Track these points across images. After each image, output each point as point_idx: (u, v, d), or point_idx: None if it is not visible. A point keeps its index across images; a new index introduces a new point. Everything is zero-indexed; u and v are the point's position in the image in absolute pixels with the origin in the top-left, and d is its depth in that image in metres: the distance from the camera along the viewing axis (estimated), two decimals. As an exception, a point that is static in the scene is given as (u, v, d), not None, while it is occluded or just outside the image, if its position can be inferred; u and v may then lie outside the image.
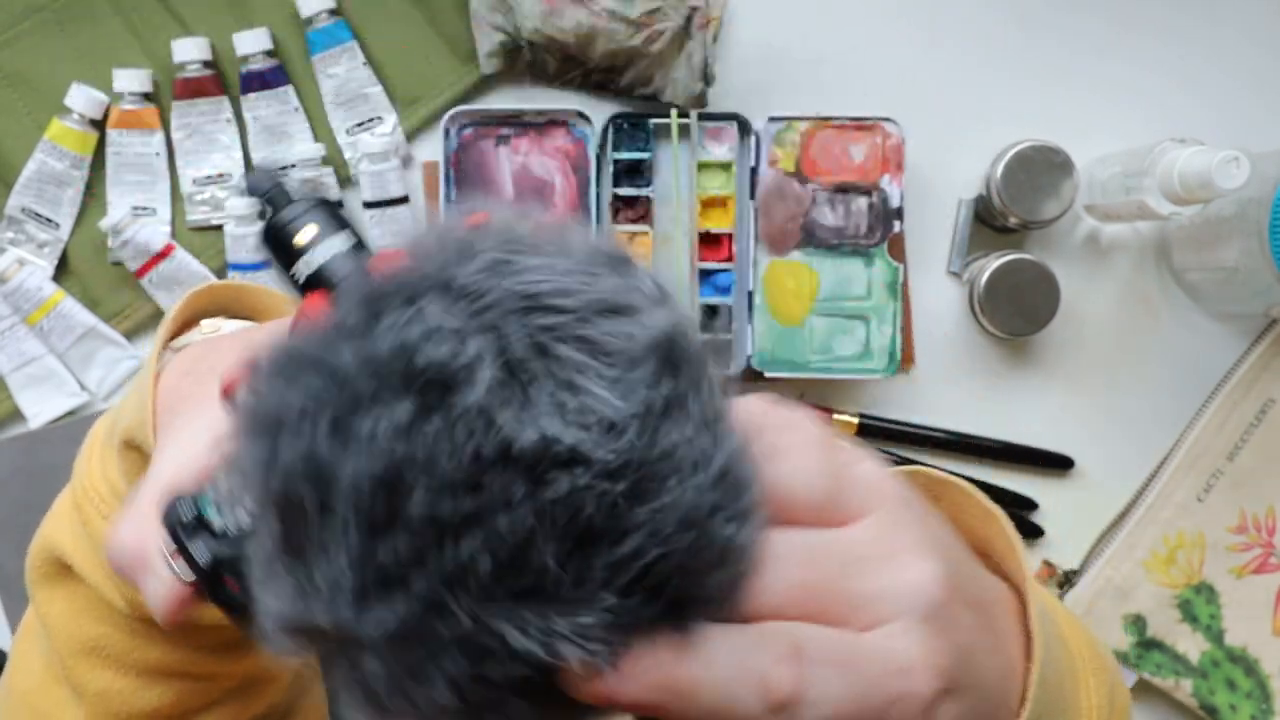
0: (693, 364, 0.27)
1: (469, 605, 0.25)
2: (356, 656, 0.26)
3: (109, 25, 0.75)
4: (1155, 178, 0.68)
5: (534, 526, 0.25)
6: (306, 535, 0.25)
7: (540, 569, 0.25)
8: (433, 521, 0.25)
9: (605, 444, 0.25)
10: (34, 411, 0.74)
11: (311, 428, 0.25)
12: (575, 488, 0.25)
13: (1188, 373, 0.77)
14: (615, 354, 0.26)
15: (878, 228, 0.74)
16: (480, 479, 0.24)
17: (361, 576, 0.25)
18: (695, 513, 0.27)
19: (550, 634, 0.26)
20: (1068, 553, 0.77)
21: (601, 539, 0.26)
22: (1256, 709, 0.75)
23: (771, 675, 0.29)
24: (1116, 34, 0.77)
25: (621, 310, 0.27)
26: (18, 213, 0.74)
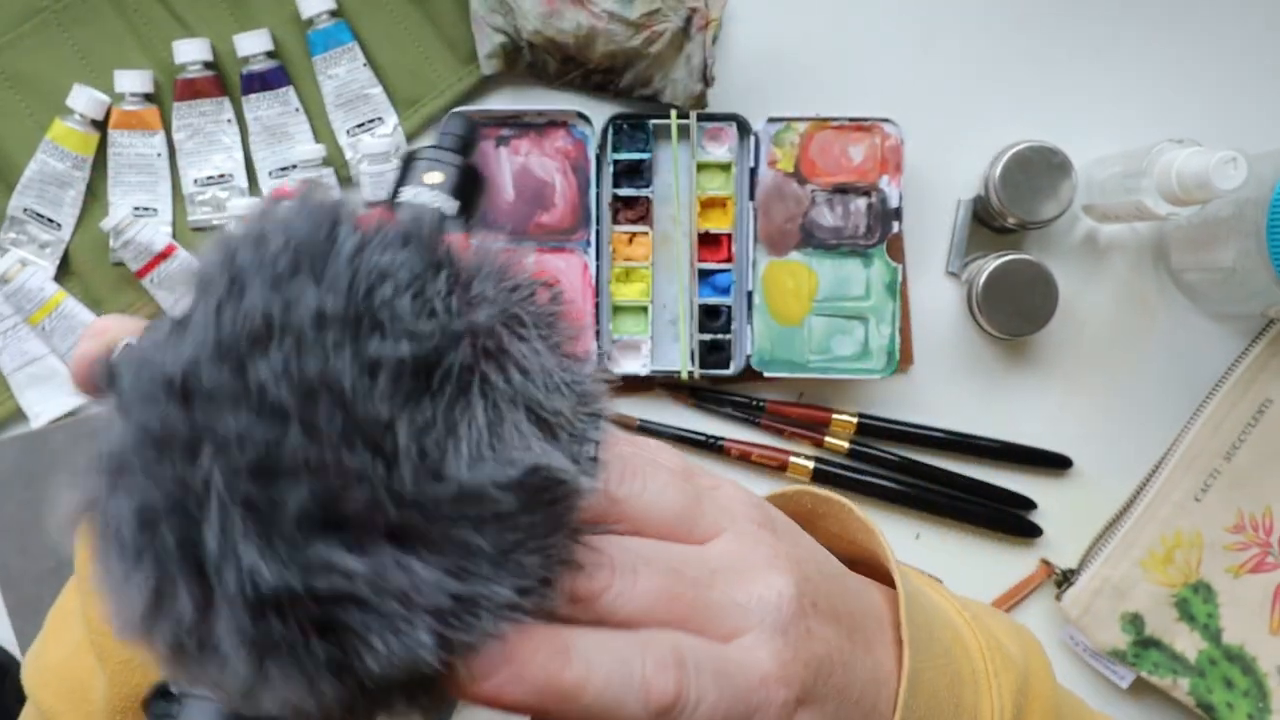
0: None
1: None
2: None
3: (110, 26, 0.75)
4: (1153, 178, 0.68)
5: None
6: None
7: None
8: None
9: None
10: (36, 411, 0.75)
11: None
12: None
13: (1185, 373, 0.77)
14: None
15: (876, 228, 0.75)
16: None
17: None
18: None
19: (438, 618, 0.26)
20: (1066, 552, 0.77)
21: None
22: (1253, 707, 0.75)
23: (654, 681, 0.30)
24: (1114, 35, 0.78)
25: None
26: (20, 213, 0.74)
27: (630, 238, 0.75)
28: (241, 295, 0.25)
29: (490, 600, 0.27)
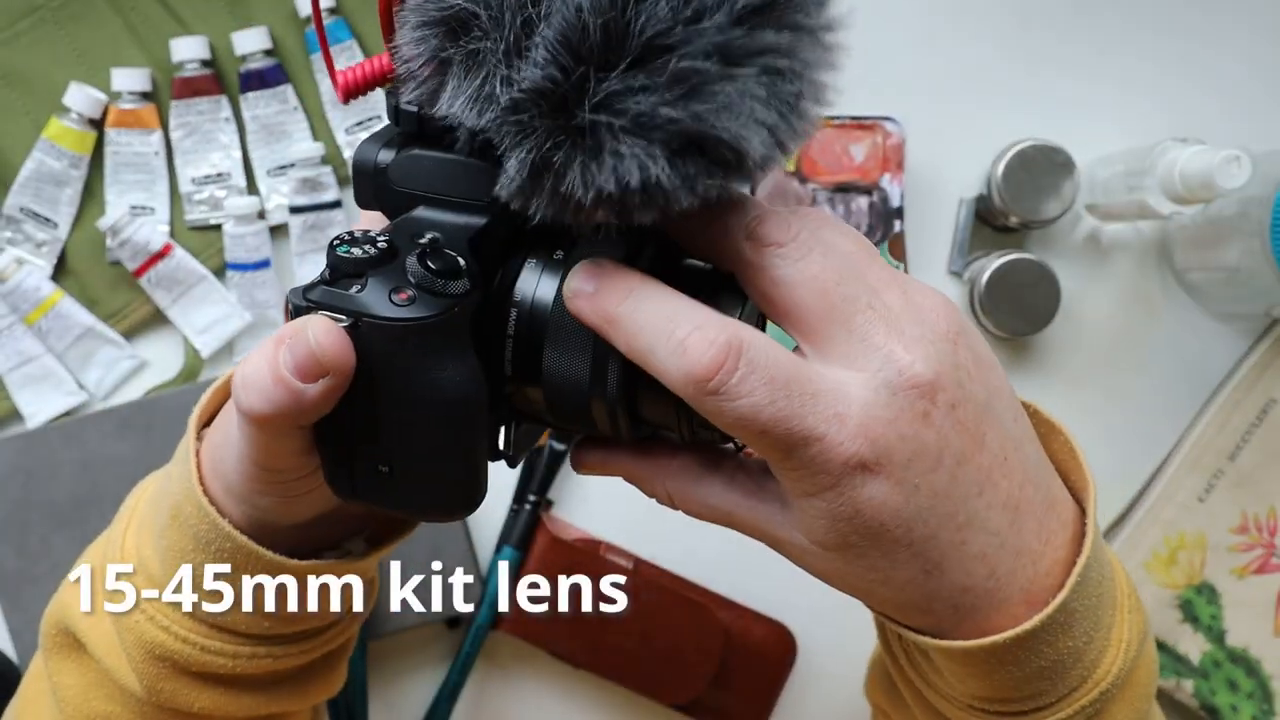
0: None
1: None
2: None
3: (107, 24, 0.74)
4: (1156, 177, 0.68)
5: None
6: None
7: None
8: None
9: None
10: (32, 411, 0.74)
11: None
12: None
13: (1189, 373, 0.77)
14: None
15: (878, 227, 0.74)
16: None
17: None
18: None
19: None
20: (1068, 553, 0.77)
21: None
22: (1258, 710, 0.75)
23: (692, 347, 0.34)
24: (1118, 33, 0.77)
25: None
26: (16, 212, 0.74)
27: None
28: None
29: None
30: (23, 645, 0.71)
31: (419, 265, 0.35)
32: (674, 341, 0.34)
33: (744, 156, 0.32)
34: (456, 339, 0.36)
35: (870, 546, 0.36)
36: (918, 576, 0.37)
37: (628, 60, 0.31)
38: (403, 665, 0.75)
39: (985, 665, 0.39)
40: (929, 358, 0.35)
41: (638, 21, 0.30)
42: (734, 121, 0.31)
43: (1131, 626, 0.41)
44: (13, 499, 0.71)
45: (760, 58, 0.32)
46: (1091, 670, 0.40)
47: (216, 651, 0.44)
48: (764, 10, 0.32)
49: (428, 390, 0.36)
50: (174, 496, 0.44)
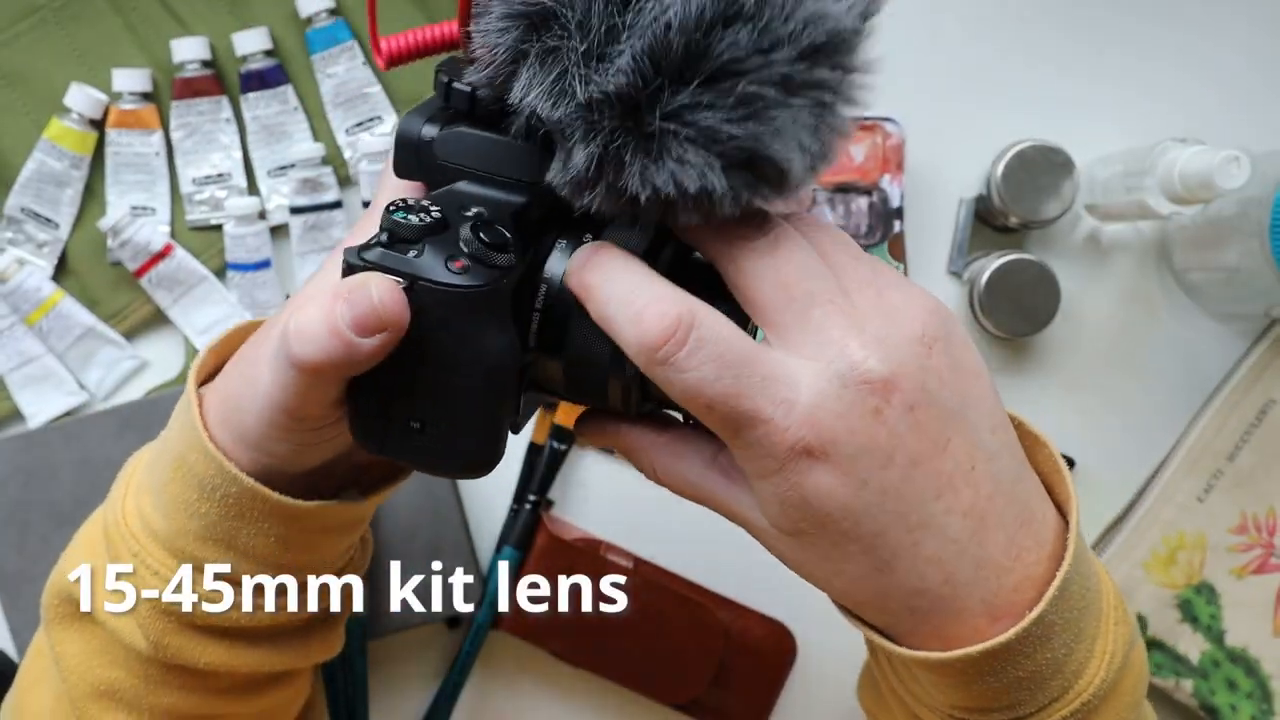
0: None
1: None
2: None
3: (108, 25, 0.75)
4: (1156, 177, 0.68)
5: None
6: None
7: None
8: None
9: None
10: (32, 411, 0.74)
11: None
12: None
13: (1188, 373, 0.77)
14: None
15: (878, 227, 0.74)
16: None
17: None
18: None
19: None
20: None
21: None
22: (1257, 709, 0.75)
23: (648, 318, 0.36)
24: (1117, 33, 0.77)
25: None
26: (17, 213, 0.74)
27: (630, 237, 0.75)
28: None
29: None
30: (23, 645, 0.72)
31: (473, 235, 0.38)
32: (632, 310, 0.37)
33: (787, 176, 0.36)
34: (501, 309, 0.38)
35: (820, 535, 0.38)
36: (869, 572, 0.38)
37: (702, 77, 0.34)
38: (403, 665, 0.75)
39: (960, 677, 0.40)
40: (887, 357, 0.37)
41: (719, 45, 0.34)
42: (784, 145, 0.35)
43: (1117, 638, 0.42)
44: (13, 499, 0.71)
45: (814, 91, 0.36)
46: (1073, 680, 0.40)
47: (220, 602, 0.45)
48: (824, 49, 0.35)
49: (471, 354, 0.38)
50: (176, 449, 0.45)
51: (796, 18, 0.34)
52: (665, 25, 0.33)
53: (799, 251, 0.38)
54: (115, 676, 0.47)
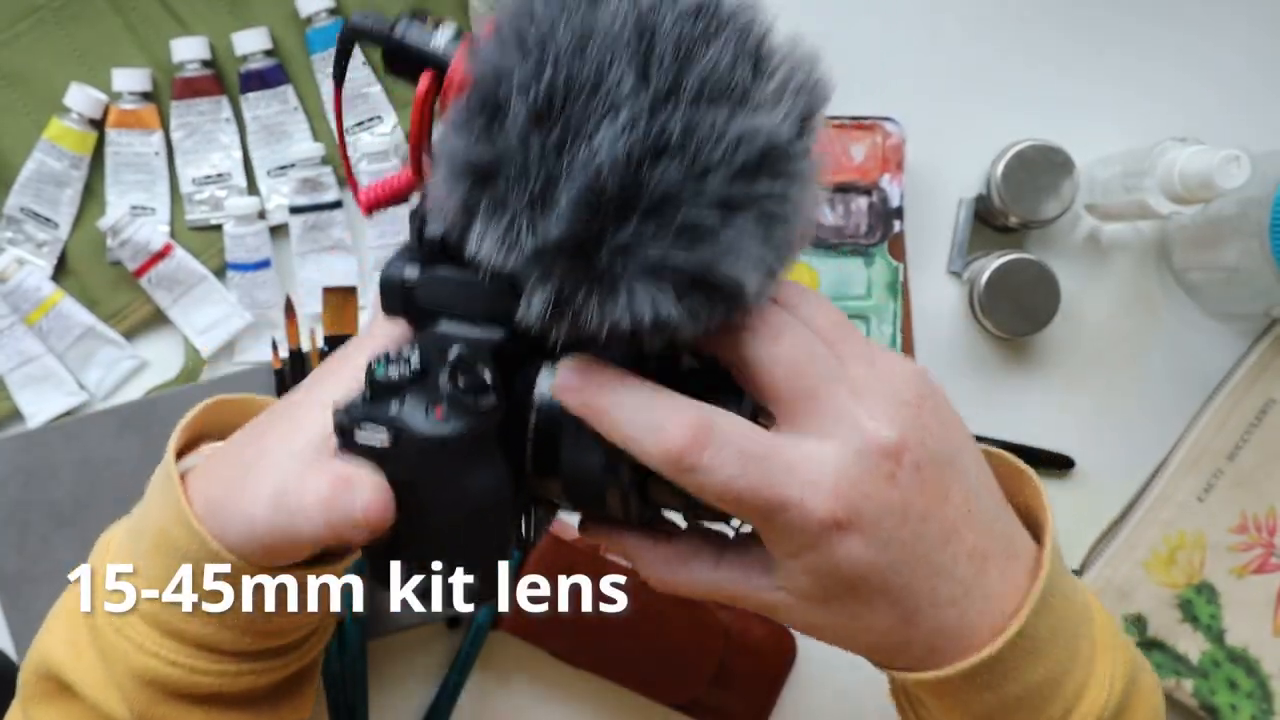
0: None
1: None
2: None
3: (108, 25, 0.75)
4: (1156, 177, 0.68)
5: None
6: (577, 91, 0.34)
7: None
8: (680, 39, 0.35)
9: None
10: (32, 411, 0.74)
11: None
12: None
13: (1188, 372, 0.77)
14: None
15: (878, 227, 0.74)
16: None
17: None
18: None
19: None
20: (1068, 553, 0.77)
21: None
22: (1257, 709, 0.75)
23: (670, 430, 0.38)
24: (1117, 33, 0.77)
25: None
26: (17, 212, 0.74)
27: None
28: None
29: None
30: (23, 645, 0.72)
31: (450, 383, 0.39)
32: (650, 426, 0.38)
33: (742, 291, 0.36)
34: (486, 449, 0.40)
35: (851, 598, 0.40)
36: (897, 624, 0.41)
37: (641, 212, 0.34)
38: (403, 665, 0.75)
39: (962, 693, 0.42)
40: (893, 422, 0.39)
41: (652, 180, 0.34)
42: (734, 263, 0.35)
43: (1116, 663, 0.44)
44: (13, 499, 0.71)
45: (757, 204, 0.36)
46: (1075, 703, 0.42)
47: (204, 671, 0.46)
48: (761, 164, 0.35)
49: (459, 496, 0.41)
50: (156, 524, 0.46)
51: (728, 138, 0.35)
52: (596, 170, 0.34)
53: (800, 336, 0.40)
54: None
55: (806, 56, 0.38)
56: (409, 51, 0.41)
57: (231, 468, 0.46)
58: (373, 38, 0.42)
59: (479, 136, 0.35)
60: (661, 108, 0.34)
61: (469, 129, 0.36)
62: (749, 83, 0.36)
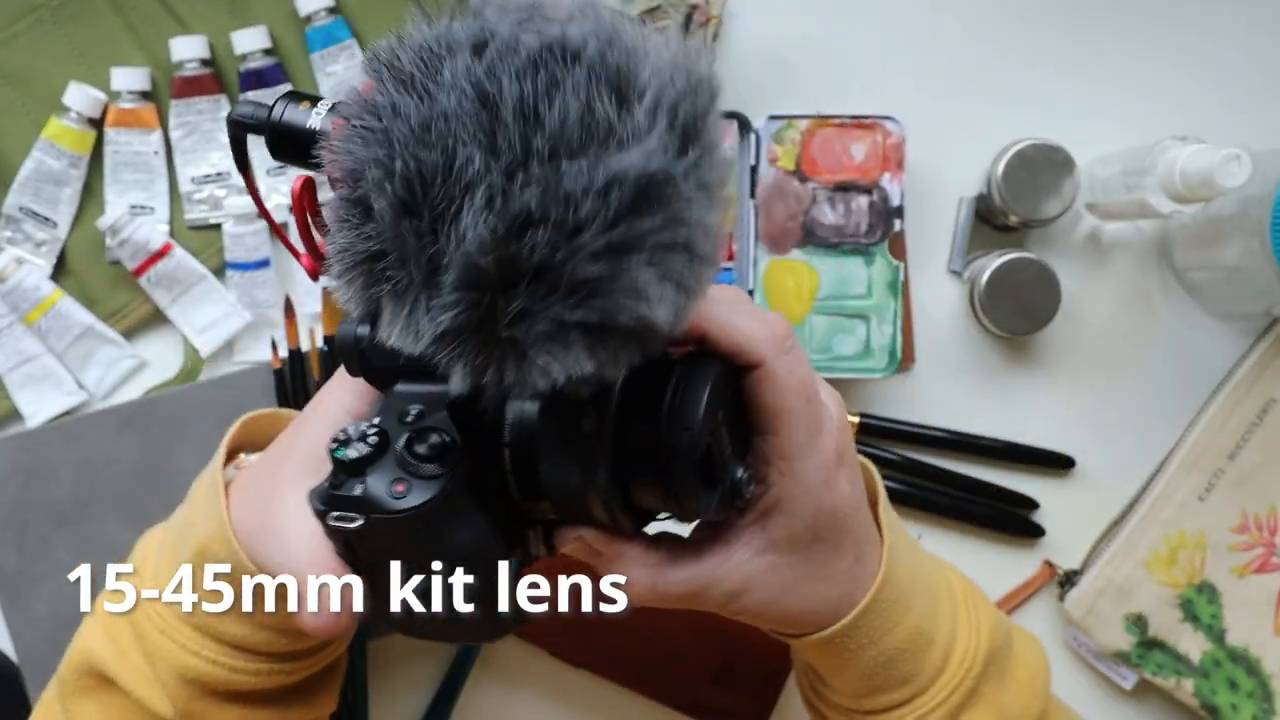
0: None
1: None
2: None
3: (107, 24, 0.74)
4: (1156, 176, 0.68)
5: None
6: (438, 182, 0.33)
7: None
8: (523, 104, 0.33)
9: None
10: (31, 410, 0.74)
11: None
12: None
13: (1189, 372, 0.77)
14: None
15: (878, 226, 0.74)
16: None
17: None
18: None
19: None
20: (1069, 552, 0.77)
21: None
22: (1258, 709, 0.74)
23: (771, 320, 0.44)
24: (1117, 32, 0.77)
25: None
26: (16, 211, 0.74)
27: (630, 236, 0.75)
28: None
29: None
30: (23, 644, 0.71)
31: (408, 455, 0.41)
32: (758, 317, 0.44)
33: (652, 327, 0.35)
34: (458, 506, 0.41)
35: (830, 537, 0.46)
36: (851, 565, 0.47)
37: (525, 282, 0.33)
38: (403, 665, 0.75)
39: (852, 645, 0.48)
40: (843, 414, 0.48)
41: (524, 252, 0.33)
42: (635, 305, 0.34)
43: (980, 616, 0.51)
44: (12, 498, 0.71)
45: (643, 241, 0.34)
46: (949, 651, 0.49)
47: (241, 670, 0.49)
48: (637, 202, 0.33)
49: (444, 556, 0.42)
50: (200, 537, 0.48)
51: (595, 188, 0.33)
52: (465, 255, 0.33)
53: (804, 356, 0.46)
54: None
55: (679, 60, 0.35)
56: (289, 133, 0.41)
57: (257, 495, 0.49)
58: (253, 128, 0.42)
59: (358, 231, 0.35)
60: (515, 178, 0.33)
61: (348, 224, 0.35)
62: (613, 117, 0.33)
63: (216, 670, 0.49)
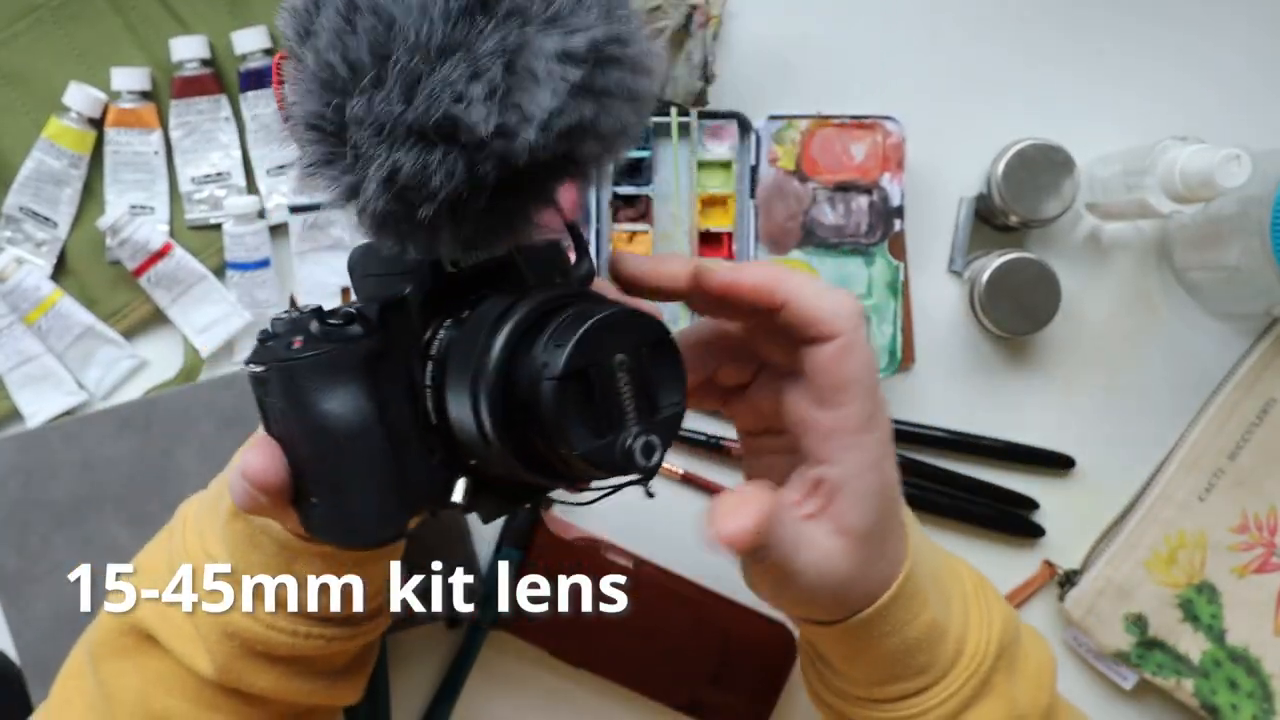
0: None
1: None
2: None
3: (107, 24, 0.74)
4: (1156, 176, 0.68)
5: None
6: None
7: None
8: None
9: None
10: (31, 410, 0.74)
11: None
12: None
13: (1189, 372, 0.77)
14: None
15: (878, 226, 0.74)
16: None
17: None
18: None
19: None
20: (1069, 552, 0.77)
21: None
22: (1258, 709, 0.75)
23: (852, 299, 0.45)
24: (1117, 32, 0.77)
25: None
26: (16, 211, 0.74)
27: (630, 236, 0.75)
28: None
29: None
30: (23, 644, 0.71)
31: (314, 319, 0.43)
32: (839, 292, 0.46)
33: (471, 129, 0.37)
34: (342, 376, 0.42)
35: (891, 515, 0.47)
36: (899, 544, 0.48)
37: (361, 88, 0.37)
38: (403, 665, 0.75)
39: (875, 633, 0.48)
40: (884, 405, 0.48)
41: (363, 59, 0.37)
42: (448, 104, 0.37)
43: (991, 610, 0.51)
44: (13, 498, 0.71)
45: (471, 46, 0.37)
46: (962, 645, 0.49)
47: (280, 629, 0.50)
48: (469, 10, 0.37)
49: (319, 422, 0.42)
50: (228, 504, 0.50)
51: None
52: (326, 63, 0.38)
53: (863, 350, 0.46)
54: (169, 704, 0.51)
55: None
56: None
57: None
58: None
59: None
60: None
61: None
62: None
63: (256, 626, 0.49)
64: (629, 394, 0.40)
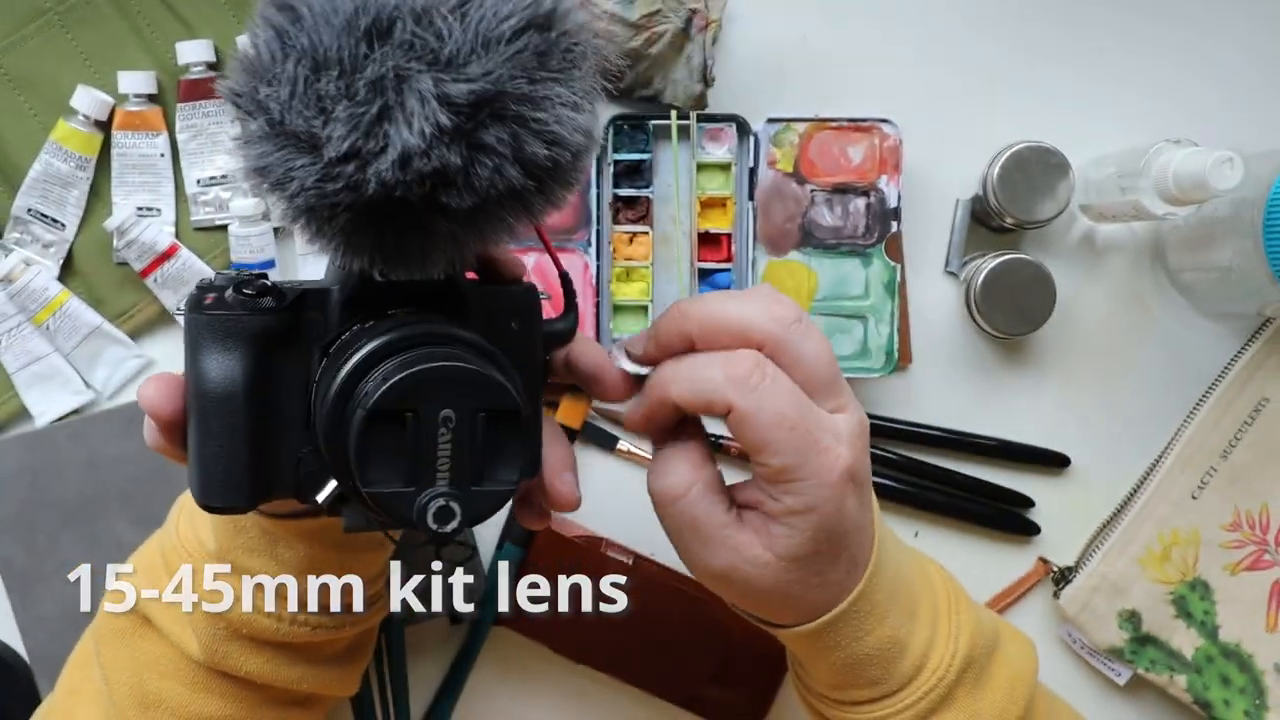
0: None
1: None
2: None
3: (114, 28, 0.75)
4: (1150, 178, 0.69)
5: None
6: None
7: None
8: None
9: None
10: (40, 410, 0.75)
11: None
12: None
13: (1182, 371, 0.78)
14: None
15: (875, 228, 0.75)
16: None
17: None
18: None
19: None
20: (1063, 550, 0.78)
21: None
22: (1250, 704, 0.75)
23: (736, 357, 0.45)
24: (1112, 35, 0.78)
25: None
26: (24, 214, 0.75)
27: (631, 237, 0.76)
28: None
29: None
30: (32, 641, 0.72)
31: (234, 289, 0.43)
32: (720, 355, 0.47)
33: (324, 145, 0.37)
34: (229, 342, 0.43)
35: (829, 550, 0.47)
36: (844, 577, 0.48)
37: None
38: (407, 659, 0.75)
39: (821, 644, 0.50)
40: (863, 417, 0.49)
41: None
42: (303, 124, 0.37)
43: (960, 625, 0.52)
44: (20, 497, 0.72)
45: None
46: (924, 661, 0.50)
47: (265, 613, 0.51)
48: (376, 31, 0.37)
49: (194, 377, 0.43)
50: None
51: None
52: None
53: (784, 383, 0.46)
54: (163, 686, 0.52)
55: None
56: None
57: None
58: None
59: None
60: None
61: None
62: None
63: (240, 608, 0.50)
64: (447, 454, 0.39)
